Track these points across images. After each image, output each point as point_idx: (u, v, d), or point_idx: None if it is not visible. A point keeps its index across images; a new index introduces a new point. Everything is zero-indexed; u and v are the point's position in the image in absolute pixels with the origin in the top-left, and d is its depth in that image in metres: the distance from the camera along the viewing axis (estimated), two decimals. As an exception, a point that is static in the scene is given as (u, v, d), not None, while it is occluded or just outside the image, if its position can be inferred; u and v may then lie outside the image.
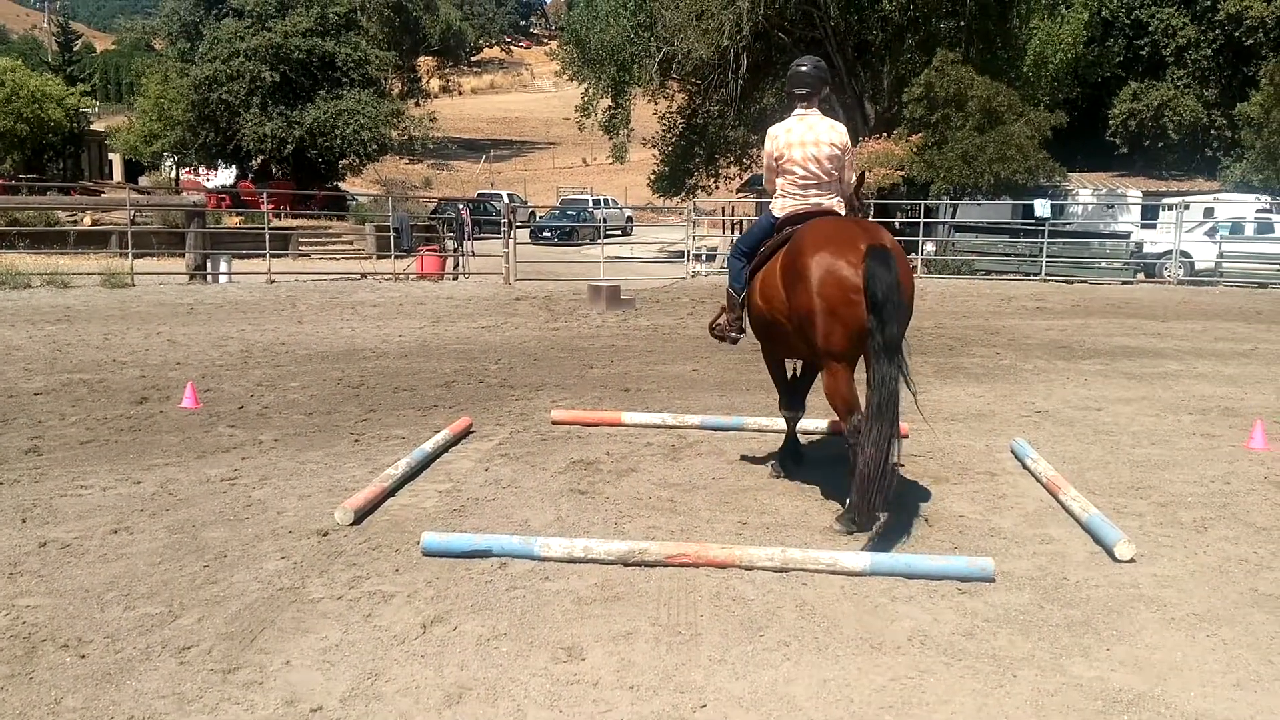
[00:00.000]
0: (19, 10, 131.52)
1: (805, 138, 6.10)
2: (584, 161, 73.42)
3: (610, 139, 37.43)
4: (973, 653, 4.02)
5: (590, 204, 46.15)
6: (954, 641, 4.11)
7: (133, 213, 24.43)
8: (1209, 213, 28.54)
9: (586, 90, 36.71)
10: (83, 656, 3.88)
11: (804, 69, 6.22)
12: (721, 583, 4.66)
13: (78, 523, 5.43)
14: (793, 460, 6.69)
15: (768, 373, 6.81)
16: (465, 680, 3.74)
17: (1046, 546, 5.25)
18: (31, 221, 26.08)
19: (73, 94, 44.61)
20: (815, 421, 7.68)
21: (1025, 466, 6.74)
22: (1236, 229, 26.70)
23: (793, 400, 6.68)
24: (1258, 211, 27.75)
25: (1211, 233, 26.15)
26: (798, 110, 6.21)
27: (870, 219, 6.25)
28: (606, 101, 36.04)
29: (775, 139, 6.21)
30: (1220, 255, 24.49)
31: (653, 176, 40.22)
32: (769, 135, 6.31)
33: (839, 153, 6.13)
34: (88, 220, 28.21)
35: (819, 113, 6.21)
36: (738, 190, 41.99)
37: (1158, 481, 6.54)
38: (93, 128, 50.37)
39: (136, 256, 20.25)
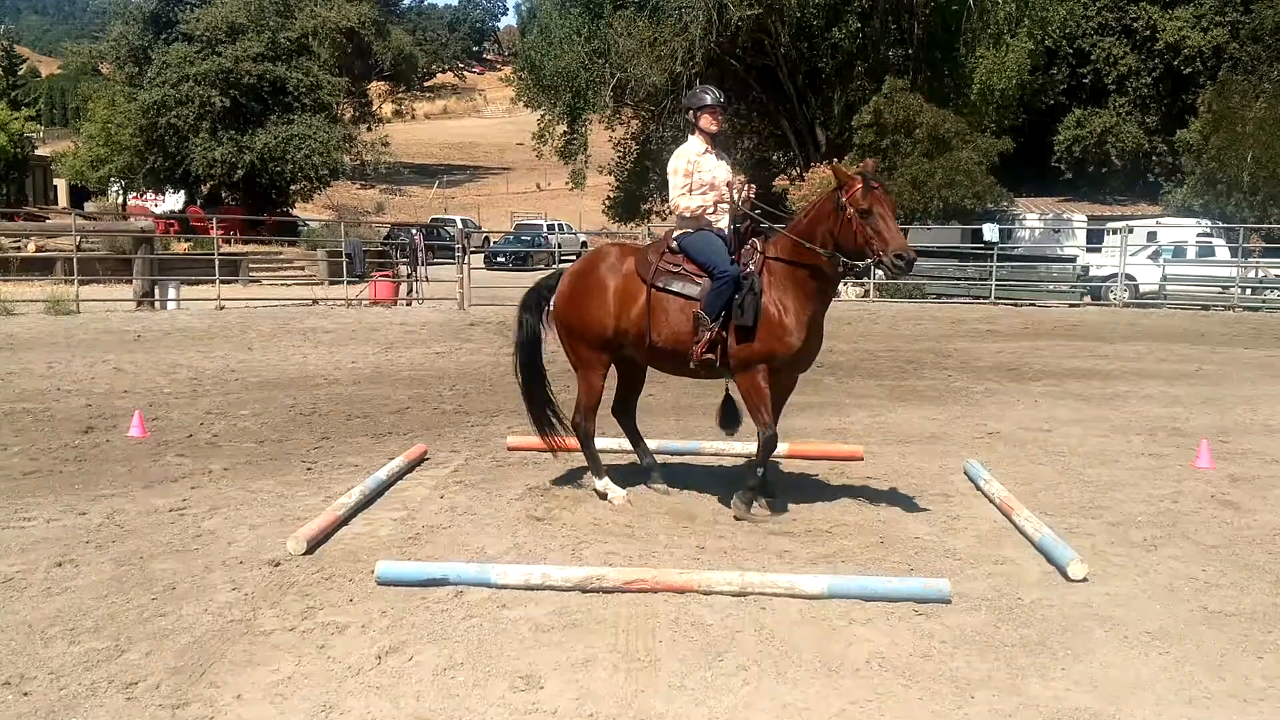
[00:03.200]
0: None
1: None
2: (538, 186, 73.41)
3: (567, 165, 37.55)
4: (930, 674, 4.03)
5: (545, 229, 46.09)
6: (911, 663, 4.13)
7: (78, 238, 24.03)
8: (1152, 237, 29.15)
9: (542, 116, 36.83)
10: (26, 694, 3.77)
11: None
12: (680, 608, 4.64)
13: (20, 556, 5.30)
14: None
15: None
16: (422, 712, 3.68)
17: (1001, 567, 5.30)
18: (-27, 248, 25.60)
19: (17, 118, 43.94)
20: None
21: (978, 488, 6.80)
22: (1179, 253, 27.28)
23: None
24: (1199, 235, 28.38)
25: (1155, 256, 26.70)
26: None
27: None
28: (562, 127, 36.19)
29: None
30: (1164, 278, 25.01)
31: (608, 201, 40.39)
32: None
33: None
34: (32, 246, 27.72)
35: (690, 137, 6.64)
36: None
37: (1108, 501, 6.63)
38: (37, 152, 49.53)
39: (82, 283, 19.88)
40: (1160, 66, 43.57)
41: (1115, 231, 28.42)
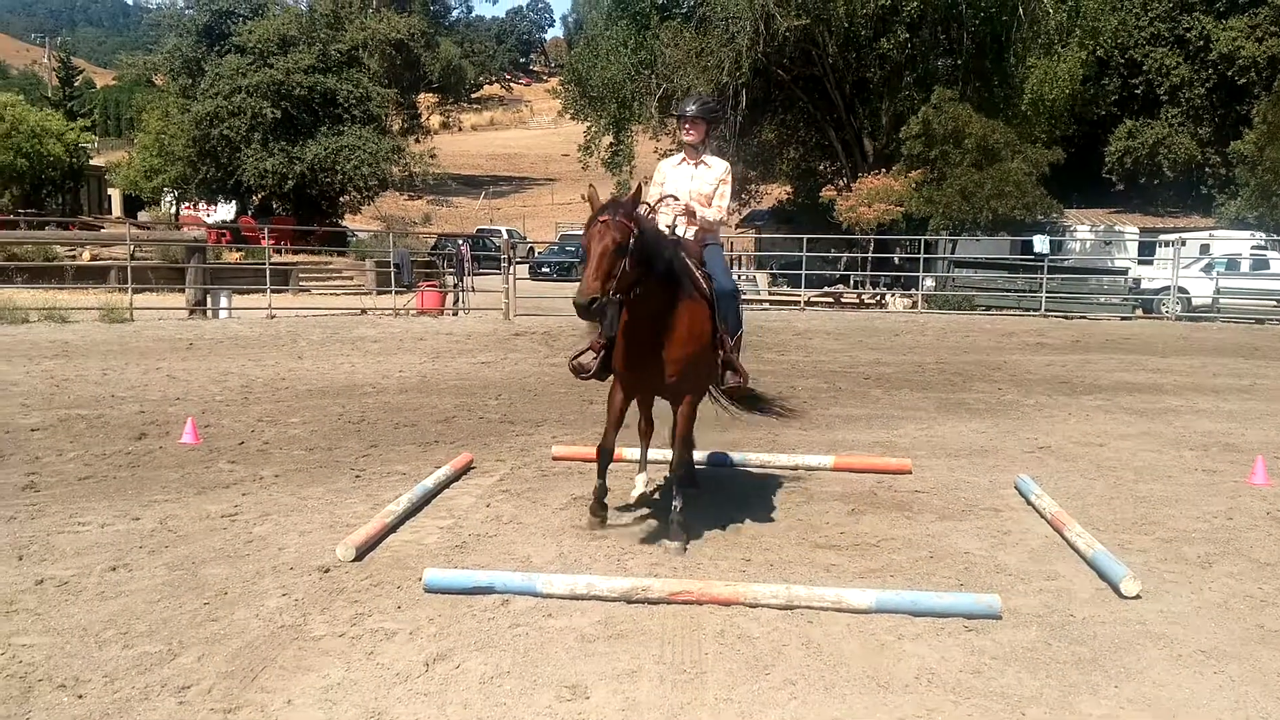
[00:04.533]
0: (19, 46, 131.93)
1: None
2: (583, 198, 73.24)
3: (613, 176, 37.69)
4: (980, 691, 3.98)
5: (589, 240, 46.13)
6: (961, 680, 4.08)
7: (132, 248, 24.47)
8: (1205, 249, 28.68)
9: (589, 128, 36.97)
10: (80, 696, 3.84)
11: None
12: (726, 620, 4.62)
13: (75, 560, 5.39)
14: None
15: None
16: (469, 719, 3.69)
17: (1052, 583, 5.23)
18: (30, 256, 26.13)
19: (73, 129, 44.83)
20: (821, 457, 7.68)
21: (1029, 502, 6.72)
22: (1232, 265, 26.82)
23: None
24: (1253, 248, 27.89)
25: (1208, 269, 26.26)
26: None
27: None
28: (608, 139, 36.30)
29: None
30: (1217, 291, 24.59)
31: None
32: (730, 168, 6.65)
33: None
34: (86, 255, 28.26)
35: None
36: (737, 225, 42.20)
37: (1161, 517, 6.52)
38: (92, 163, 50.53)
39: (136, 291, 20.21)
40: (1214, 77, 42.86)
41: (1167, 244, 27.99)
